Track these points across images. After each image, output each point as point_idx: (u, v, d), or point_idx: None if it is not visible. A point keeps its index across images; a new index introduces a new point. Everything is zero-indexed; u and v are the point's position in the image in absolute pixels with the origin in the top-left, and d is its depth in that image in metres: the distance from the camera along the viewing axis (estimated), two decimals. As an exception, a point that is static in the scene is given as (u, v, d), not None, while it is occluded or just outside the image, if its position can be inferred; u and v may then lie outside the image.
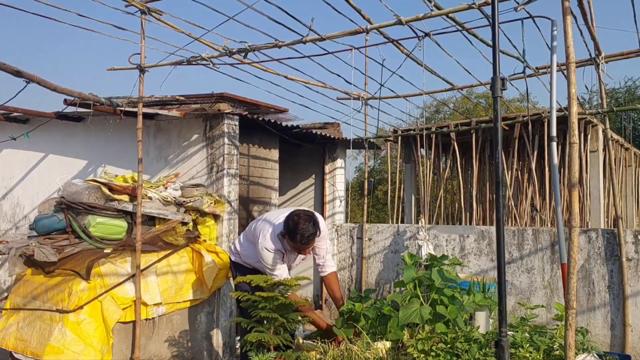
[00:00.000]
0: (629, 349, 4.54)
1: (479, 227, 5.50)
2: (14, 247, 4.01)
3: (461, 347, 3.11)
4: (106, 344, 3.63)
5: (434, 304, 3.54)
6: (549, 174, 6.39)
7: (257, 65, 4.15)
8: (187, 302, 4.24)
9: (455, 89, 5.17)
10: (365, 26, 3.35)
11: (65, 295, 3.67)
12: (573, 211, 2.21)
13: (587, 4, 3.40)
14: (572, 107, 2.24)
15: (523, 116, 6.31)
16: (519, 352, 3.14)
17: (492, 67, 2.18)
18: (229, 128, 4.67)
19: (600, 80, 4.47)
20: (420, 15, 3.18)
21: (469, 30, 3.57)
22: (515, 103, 15.82)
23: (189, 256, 4.30)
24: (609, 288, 4.68)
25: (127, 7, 3.50)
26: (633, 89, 16.67)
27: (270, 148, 5.72)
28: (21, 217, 6.23)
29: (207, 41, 3.73)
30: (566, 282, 2.21)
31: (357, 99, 5.98)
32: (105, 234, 4.16)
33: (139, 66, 3.92)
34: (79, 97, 3.76)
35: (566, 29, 2.26)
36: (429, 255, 5.09)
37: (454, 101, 16.87)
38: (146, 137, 5.03)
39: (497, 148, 2.14)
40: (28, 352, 3.59)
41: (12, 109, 5.09)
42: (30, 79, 3.09)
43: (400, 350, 3.36)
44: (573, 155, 2.24)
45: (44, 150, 6.05)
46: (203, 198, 4.45)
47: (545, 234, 5.04)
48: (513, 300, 5.09)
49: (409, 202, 8.32)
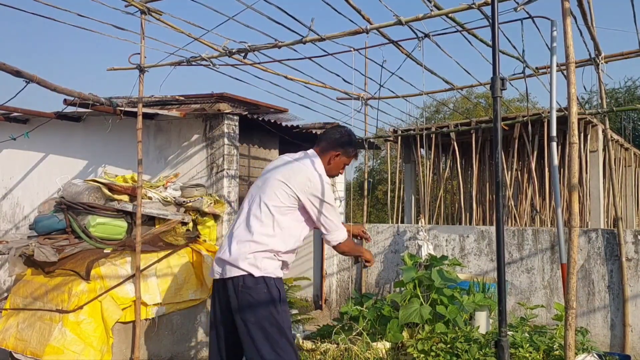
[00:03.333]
0: (629, 349, 4.54)
1: (479, 227, 5.51)
2: (14, 247, 4.01)
3: (461, 347, 3.12)
4: (106, 344, 3.63)
5: (434, 304, 3.54)
6: (548, 174, 6.39)
7: (257, 65, 4.15)
8: (187, 302, 4.24)
9: (455, 89, 5.17)
10: (365, 26, 3.35)
11: (65, 296, 3.67)
12: (573, 211, 2.21)
13: (587, 4, 3.40)
14: (572, 107, 2.24)
15: (523, 116, 6.31)
16: (519, 352, 3.14)
17: (492, 67, 2.18)
18: (228, 128, 4.67)
19: (600, 80, 4.47)
20: (420, 15, 3.18)
21: (468, 30, 3.57)
22: (515, 103, 15.83)
23: (189, 256, 4.30)
24: (609, 288, 4.69)
25: (126, 7, 3.49)
26: (633, 89, 16.67)
27: (270, 148, 5.72)
28: (21, 217, 6.23)
29: (207, 41, 3.73)
30: (566, 282, 2.21)
31: (357, 99, 5.98)
32: (105, 234, 4.16)
33: (139, 66, 3.92)
34: (79, 97, 3.76)
35: (566, 30, 2.26)
36: (429, 255, 5.10)
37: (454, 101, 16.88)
38: (146, 137, 5.03)
39: (497, 148, 2.14)
40: (28, 352, 3.58)
41: (12, 109, 5.09)
42: (30, 79, 3.09)
43: (400, 351, 3.37)
44: (573, 156, 2.24)
45: (43, 150, 6.05)
46: (203, 198, 4.45)
47: (545, 234, 5.05)
48: (513, 300, 5.09)
49: (409, 202, 8.32)
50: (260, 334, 2.50)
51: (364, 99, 6.02)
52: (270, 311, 2.53)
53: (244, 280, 2.54)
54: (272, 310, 2.53)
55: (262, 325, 2.51)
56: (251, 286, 2.53)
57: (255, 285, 2.54)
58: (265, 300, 2.55)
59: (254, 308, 2.53)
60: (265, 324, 2.52)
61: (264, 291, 2.55)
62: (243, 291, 2.53)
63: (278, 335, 2.51)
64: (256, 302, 2.53)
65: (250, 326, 2.51)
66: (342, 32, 3.45)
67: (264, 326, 2.51)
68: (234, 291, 2.56)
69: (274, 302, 2.56)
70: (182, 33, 3.66)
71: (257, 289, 2.54)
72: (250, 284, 2.53)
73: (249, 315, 2.52)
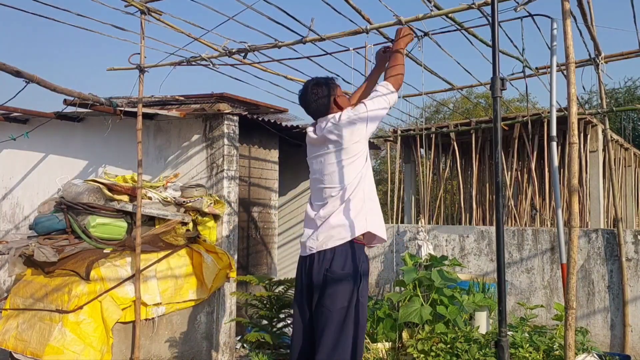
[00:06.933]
0: (629, 349, 4.54)
1: (479, 227, 5.51)
2: (14, 248, 4.01)
3: (461, 347, 3.12)
4: (106, 344, 3.63)
5: (434, 304, 3.54)
6: (548, 174, 6.39)
7: (257, 65, 4.15)
8: (187, 302, 4.24)
9: (455, 89, 5.16)
10: (365, 26, 3.35)
11: (65, 296, 3.66)
12: (573, 211, 2.21)
13: (587, 4, 3.40)
14: (572, 107, 2.24)
15: (523, 116, 6.31)
16: (519, 352, 3.14)
17: (492, 67, 2.18)
18: (228, 128, 4.67)
19: (600, 80, 4.47)
20: (420, 15, 3.18)
21: (468, 30, 3.57)
22: (515, 103, 15.81)
23: (188, 256, 4.30)
24: (609, 288, 4.68)
25: (126, 7, 3.49)
26: (633, 89, 16.67)
27: (270, 148, 5.72)
28: (21, 218, 6.23)
29: (207, 41, 3.73)
30: (566, 282, 2.21)
31: (357, 99, 5.96)
32: (105, 234, 4.16)
33: (139, 66, 3.92)
34: (79, 97, 3.76)
35: (566, 30, 2.26)
36: (429, 255, 5.10)
37: (454, 101, 16.88)
38: (146, 137, 5.03)
39: (496, 148, 2.14)
40: (28, 352, 3.59)
41: (12, 109, 5.09)
42: (30, 79, 3.09)
43: (400, 351, 3.37)
44: (573, 156, 2.24)
45: (43, 150, 6.05)
46: (203, 198, 4.45)
47: (545, 234, 5.04)
48: (513, 301, 5.09)
49: (409, 202, 8.31)
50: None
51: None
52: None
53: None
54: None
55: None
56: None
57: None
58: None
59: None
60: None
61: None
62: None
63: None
64: None
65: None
66: (342, 32, 3.45)
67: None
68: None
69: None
70: (182, 33, 3.66)
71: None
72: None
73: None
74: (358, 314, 2.47)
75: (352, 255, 2.51)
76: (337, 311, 2.44)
